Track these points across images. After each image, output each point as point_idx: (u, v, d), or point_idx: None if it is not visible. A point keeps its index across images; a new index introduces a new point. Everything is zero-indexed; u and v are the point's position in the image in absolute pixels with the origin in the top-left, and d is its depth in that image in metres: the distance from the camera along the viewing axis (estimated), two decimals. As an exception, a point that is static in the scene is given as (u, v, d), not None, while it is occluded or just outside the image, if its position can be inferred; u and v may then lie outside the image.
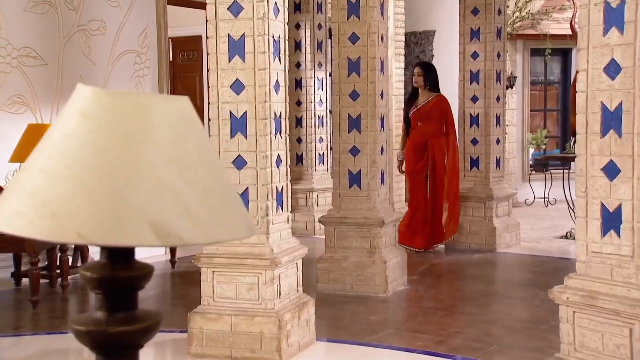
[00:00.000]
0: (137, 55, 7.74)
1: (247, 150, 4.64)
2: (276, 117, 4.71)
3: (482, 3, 8.02)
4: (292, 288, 4.84)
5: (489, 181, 8.16)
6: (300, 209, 9.23)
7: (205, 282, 4.70)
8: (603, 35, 3.56)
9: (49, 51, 6.98)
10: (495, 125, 8.18)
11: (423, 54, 12.34)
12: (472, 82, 8.15)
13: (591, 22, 3.61)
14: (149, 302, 6.25)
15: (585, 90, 3.65)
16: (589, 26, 3.63)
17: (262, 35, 4.55)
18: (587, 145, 3.66)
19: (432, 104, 7.87)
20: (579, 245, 3.77)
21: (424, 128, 7.91)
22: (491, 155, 8.16)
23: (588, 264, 3.73)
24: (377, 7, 6.14)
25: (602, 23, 3.56)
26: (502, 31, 8.14)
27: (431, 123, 7.89)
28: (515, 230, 8.42)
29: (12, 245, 5.77)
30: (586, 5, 3.64)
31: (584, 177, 3.69)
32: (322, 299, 6.05)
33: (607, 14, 3.54)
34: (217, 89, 4.66)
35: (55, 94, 7.04)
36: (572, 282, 3.79)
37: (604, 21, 3.55)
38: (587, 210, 3.70)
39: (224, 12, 4.62)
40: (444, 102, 7.91)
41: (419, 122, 7.91)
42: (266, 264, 4.56)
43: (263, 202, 4.62)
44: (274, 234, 4.70)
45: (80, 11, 7.22)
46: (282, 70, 4.78)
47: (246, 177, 4.64)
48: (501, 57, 8.16)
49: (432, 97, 7.87)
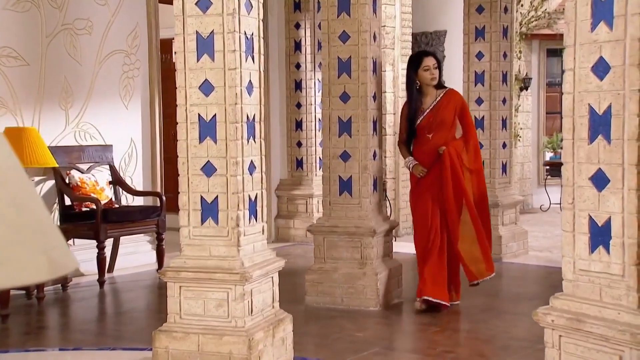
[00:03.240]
0: (126, 56, 7.46)
1: (216, 156, 4.32)
2: (249, 120, 4.39)
3: (487, 1, 7.65)
4: (267, 304, 4.52)
5: (494, 187, 7.77)
6: (300, 215, 8.90)
7: (172, 298, 4.39)
8: (591, 30, 3.22)
9: (31, 51, 6.71)
10: (502, 128, 7.81)
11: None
12: (476, 83, 7.78)
13: (578, 17, 3.27)
14: (126, 315, 5.96)
15: (571, 91, 3.30)
16: (575, 21, 3.28)
17: (233, 32, 4.24)
18: (574, 152, 3.31)
19: (445, 101, 5.69)
20: (565, 262, 3.42)
21: (437, 139, 5.67)
22: (497, 160, 7.78)
23: (575, 283, 3.38)
24: (368, 4, 5.81)
25: (590, 17, 3.21)
26: (508, 30, 7.77)
27: (446, 129, 5.69)
28: (522, 239, 8.04)
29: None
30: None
31: (571, 187, 3.34)
32: (310, 313, 5.74)
33: (595, 8, 3.20)
34: (184, 90, 4.35)
35: (38, 96, 6.78)
36: (558, 302, 3.43)
37: (592, 15, 3.21)
38: (574, 224, 3.35)
39: (192, 7, 4.31)
40: (459, 95, 5.90)
41: (429, 134, 5.68)
42: (236, 279, 4.24)
43: (233, 212, 4.30)
44: (246, 246, 4.38)
45: (65, 10, 6.95)
46: (255, 70, 4.46)
47: (215, 185, 4.32)
48: (508, 57, 7.79)
49: (442, 93, 5.75)
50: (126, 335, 5.29)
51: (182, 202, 4.40)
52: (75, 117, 7.05)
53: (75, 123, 7.05)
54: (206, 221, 4.35)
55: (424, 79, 5.69)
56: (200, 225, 4.36)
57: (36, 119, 6.74)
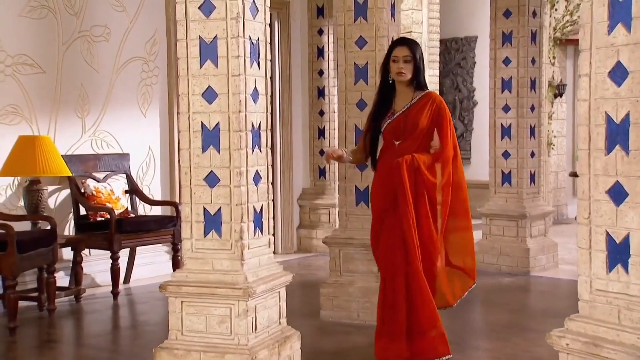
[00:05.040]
0: (144, 63, 7.35)
1: (220, 166, 4.15)
2: (254, 128, 4.21)
3: (514, 5, 7.40)
4: (273, 320, 4.33)
5: (522, 198, 7.51)
6: (322, 225, 8.70)
7: (173, 314, 4.22)
8: (608, 33, 2.98)
9: (47, 58, 6.62)
10: (530, 136, 7.54)
11: (464, 60, 11.74)
12: (503, 90, 7.54)
13: (594, 19, 3.03)
14: (136, 329, 5.83)
15: (587, 98, 3.07)
16: (591, 23, 3.05)
17: (236, 37, 4.07)
18: (590, 163, 3.08)
19: (420, 105, 4.57)
20: (581, 282, 3.18)
21: (404, 147, 4.57)
22: (525, 169, 7.51)
23: (592, 304, 3.14)
24: (386, 8, 5.61)
25: (607, 19, 2.98)
26: (537, 35, 7.50)
27: (417, 138, 4.58)
28: (552, 252, 7.75)
29: (-14, 266, 5.40)
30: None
31: (587, 200, 3.11)
32: (324, 329, 5.55)
33: (612, 9, 2.97)
34: (187, 98, 4.19)
35: (54, 104, 6.68)
36: (574, 325, 3.20)
37: (609, 17, 2.98)
38: (590, 241, 3.11)
39: (195, 11, 4.15)
40: (438, 99, 4.65)
41: (396, 140, 4.61)
42: (239, 294, 4.05)
43: (237, 224, 4.12)
44: (251, 259, 4.20)
45: (82, 16, 6.86)
46: (261, 77, 4.28)
47: (219, 196, 4.15)
48: (536, 62, 7.52)
49: (419, 96, 4.60)
50: (133, 350, 5.15)
51: (185, 213, 4.24)
52: (92, 125, 6.95)
53: (92, 131, 6.95)
54: (209, 233, 4.18)
55: (391, 73, 4.63)
56: (203, 237, 4.19)
57: (52, 127, 6.65)
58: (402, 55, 4.54)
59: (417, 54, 4.55)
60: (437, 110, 4.57)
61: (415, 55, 4.54)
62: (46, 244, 5.76)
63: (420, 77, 4.59)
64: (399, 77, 4.57)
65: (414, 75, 4.56)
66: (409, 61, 4.54)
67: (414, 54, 4.54)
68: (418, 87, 4.62)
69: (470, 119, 11.75)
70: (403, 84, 4.61)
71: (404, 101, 4.62)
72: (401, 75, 4.56)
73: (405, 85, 4.61)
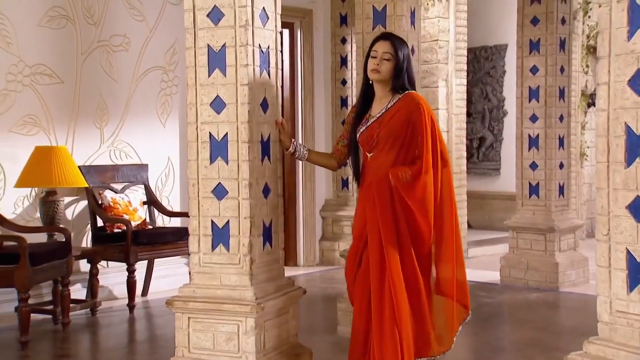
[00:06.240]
0: (164, 73, 7.26)
1: (228, 177, 4.03)
2: (263, 139, 4.08)
3: (542, 12, 7.19)
4: (283, 338, 4.18)
5: (550, 211, 7.28)
6: (345, 237, 8.53)
7: (180, 330, 4.10)
8: (627, 39, 2.82)
9: (65, 68, 6.56)
10: (558, 147, 7.31)
11: (494, 69, 11.51)
12: (531, 99, 7.32)
13: (613, 24, 2.86)
14: (150, 344, 5.72)
15: (606, 108, 2.89)
16: (610, 29, 2.88)
17: (245, 45, 3.95)
18: (609, 176, 2.90)
19: (395, 109, 3.84)
20: (601, 302, 3.02)
21: (378, 161, 3.85)
22: (553, 181, 7.28)
23: (612, 327, 2.97)
24: (405, 15, 5.44)
25: (627, 25, 2.82)
26: (566, 43, 7.28)
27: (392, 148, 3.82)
28: (582, 267, 7.50)
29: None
30: (607, 3, 2.88)
31: (606, 216, 2.93)
32: (340, 345, 5.35)
33: (632, 14, 2.81)
34: (195, 107, 4.08)
35: (72, 114, 6.62)
36: (593, 348, 3.02)
37: (629, 22, 2.82)
38: (609, 259, 2.94)
39: (203, 19, 4.05)
40: (416, 100, 3.83)
41: (369, 152, 3.90)
42: (246, 310, 3.92)
43: (245, 238, 3.99)
44: (260, 274, 4.06)
45: (101, 26, 6.79)
46: (272, 86, 4.16)
47: (227, 209, 4.03)
48: (565, 71, 7.30)
49: (396, 99, 3.86)
50: (144, 365, 5.04)
51: (192, 227, 4.13)
52: (111, 136, 6.87)
53: (111, 142, 6.88)
54: (217, 247, 4.06)
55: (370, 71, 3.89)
56: (211, 251, 4.07)
57: (70, 137, 6.59)
58: (381, 51, 3.83)
59: (400, 53, 3.82)
60: (413, 112, 3.77)
61: (398, 54, 3.82)
62: (60, 256, 5.68)
63: (400, 79, 3.84)
64: (372, 75, 3.85)
65: (393, 76, 3.83)
66: (389, 59, 3.81)
67: (396, 52, 3.82)
68: (398, 89, 3.86)
69: (500, 129, 11.51)
70: (380, 85, 3.88)
71: (381, 105, 3.90)
72: (375, 73, 3.84)
73: (383, 87, 3.88)
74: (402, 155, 3.81)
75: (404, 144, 3.80)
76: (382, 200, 3.76)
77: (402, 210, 3.74)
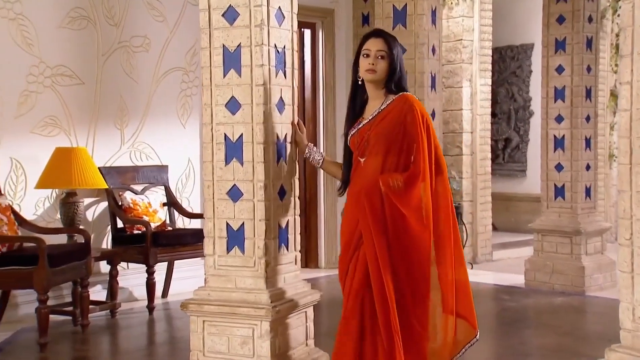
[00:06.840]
0: (184, 74, 7.23)
1: (243, 179, 3.98)
2: (279, 140, 4.02)
3: (569, 10, 7.05)
4: (299, 342, 4.12)
5: (576, 213, 7.14)
6: (368, 239, 8.44)
7: (195, 334, 4.07)
8: (650, 36, 2.70)
9: (86, 70, 6.55)
10: (585, 148, 7.17)
11: (520, 69, 11.37)
12: (556, 99, 7.19)
13: (636, 21, 2.76)
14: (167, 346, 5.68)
15: (629, 108, 2.80)
16: (633, 26, 2.79)
17: (260, 45, 3.90)
18: (632, 179, 2.80)
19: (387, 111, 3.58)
20: (623, 309, 2.92)
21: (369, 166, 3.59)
22: (579, 183, 7.14)
23: (635, 334, 2.88)
24: (426, 14, 5.37)
25: (649, 20, 2.70)
26: (593, 41, 7.13)
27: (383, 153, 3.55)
28: (609, 271, 7.34)
29: (18, 281, 5.29)
30: (630, 0, 2.77)
31: (629, 219, 2.84)
32: (359, 349, 5.28)
33: (656, 9, 2.68)
34: (210, 108, 4.04)
35: (93, 115, 6.61)
36: (615, 356, 2.93)
37: (652, 17, 2.69)
38: (632, 264, 2.84)
39: (219, 19, 4.01)
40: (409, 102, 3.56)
41: (361, 157, 3.63)
42: (261, 314, 3.87)
43: (261, 240, 3.94)
44: (275, 277, 4.00)
45: (121, 27, 6.78)
46: (288, 87, 4.10)
47: (242, 211, 3.98)
48: (592, 70, 7.15)
49: (389, 101, 3.60)
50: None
51: (207, 229, 4.07)
52: (131, 137, 6.85)
53: (131, 143, 6.86)
54: (232, 250, 4.01)
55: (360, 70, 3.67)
56: (226, 254, 4.03)
57: (90, 138, 6.57)
58: (375, 49, 3.59)
59: (394, 51, 3.60)
60: (407, 114, 3.52)
61: (393, 52, 3.59)
62: (79, 257, 5.66)
63: (395, 79, 3.60)
64: (367, 75, 3.61)
65: (388, 75, 3.60)
66: (383, 57, 3.57)
67: (390, 50, 3.58)
68: (392, 90, 3.62)
69: (526, 130, 11.36)
70: (373, 86, 3.64)
71: (374, 107, 3.65)
72: (370, 74, 3.59)
73: (376, 88, 3.63)
74: (392, 160, 3.53)
75: (394, 148, 3.53)
76: (373, 208, 3.49)
77: (392, 219, 3.48)
